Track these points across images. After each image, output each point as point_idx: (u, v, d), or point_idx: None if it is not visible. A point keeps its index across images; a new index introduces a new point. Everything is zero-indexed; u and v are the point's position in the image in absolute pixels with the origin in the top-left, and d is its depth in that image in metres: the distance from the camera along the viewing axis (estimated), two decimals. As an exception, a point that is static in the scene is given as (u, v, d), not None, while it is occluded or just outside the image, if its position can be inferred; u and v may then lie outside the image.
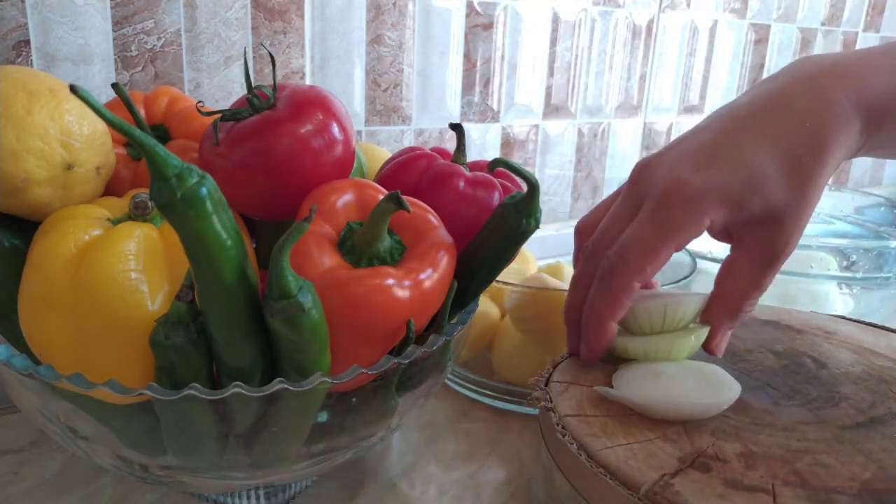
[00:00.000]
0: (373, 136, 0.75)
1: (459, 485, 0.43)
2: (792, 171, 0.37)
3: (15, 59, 0.54)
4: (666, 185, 0.38)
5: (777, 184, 0.37)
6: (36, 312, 0.31)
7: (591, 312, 0.40)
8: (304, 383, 0.30)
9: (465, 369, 0.54)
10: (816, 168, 0.37)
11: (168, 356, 0.29)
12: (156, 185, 0.26)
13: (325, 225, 0.33)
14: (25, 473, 0.43)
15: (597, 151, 0.96)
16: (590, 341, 0.40)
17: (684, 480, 0.31)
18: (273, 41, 0.66)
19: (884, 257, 0.63)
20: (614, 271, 0.38)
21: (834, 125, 0.38)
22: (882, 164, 1.39)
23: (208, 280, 0.28)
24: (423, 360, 0.34)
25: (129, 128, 0.24)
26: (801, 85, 0.39)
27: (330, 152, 0.36)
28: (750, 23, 1.05)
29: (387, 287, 0.31)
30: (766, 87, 0.41)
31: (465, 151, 0.42)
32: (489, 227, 0.37)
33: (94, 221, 0.32)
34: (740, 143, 0.38)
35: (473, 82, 0.81)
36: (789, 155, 0.37)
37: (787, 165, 0.37)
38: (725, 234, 0.40)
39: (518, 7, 0.81)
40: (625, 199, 0.41)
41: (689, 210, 0.37)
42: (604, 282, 0.39)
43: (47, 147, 0.33)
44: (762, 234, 0.38)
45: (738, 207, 0.37)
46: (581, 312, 0.41)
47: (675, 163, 0.39)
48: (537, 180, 0.35)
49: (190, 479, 0.34)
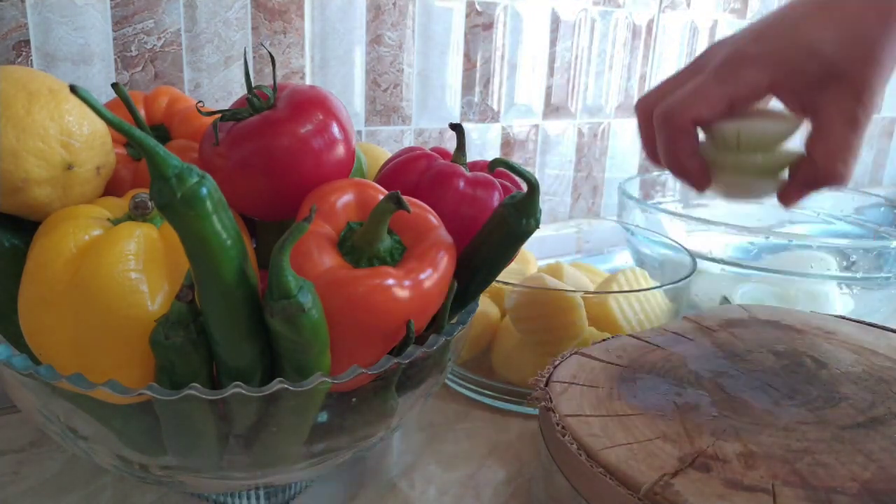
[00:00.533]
0: (373, 136, 0.75)
1: (459, 485, 0.43)
2: (852, 35, 0.39)
3: (15, 59, 0.54)
4: (725, 54, 0.41)
5: (835, 44, 0.38)
6: (36, 312, 0.31)
7: (663, 155, 0.43)
8: (304, 383, 0.30)
9: (465, 369, 0.54)
10: (881, 31, 0.38)
11: (168, 356, 0.29)
12: (156, 185, 0.26)
13: (325, 225, 0.33)
14: (25, 473, 0.43)
15: (597, 151, 0.96)
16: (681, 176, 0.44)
17: (684, 480, 0.31)
18: (273, 41, 0.66)
19: (884, 257, 0.63)
20: (671, 110, 0.41)
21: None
22: (882, 163, 1.39)
23: (208, 280, 0.28)
24: (422, 360, 0.34)
25: (129, 128, 0.24)
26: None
27: (330, 152, 0.36)
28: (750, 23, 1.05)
29: (387, 287, 0.31)
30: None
31: (465, 151, 0.42)
32: (489, 227, 0.37)
33: (94, 221, 0.32)
34: (798, 19, 0.41)
35: (473, 82, 0.81)
36: (850, 22, 0.39)
37: (847, 31, 0.39)
38: (798, 104, 0.42)
39: (518, 7, 0.81)
40: (686, 70, 0.44)
41: (745, 68, 0.40)
42: (663, 122, 0.42)
43: (47, 147, 0.33)
44: (831, 96, 0.39)
45: (796, 70, 0.39)
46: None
47: (734, 40, 0.43)
48: (537, 180, 0.35)
49: (190, 479, 0.34)
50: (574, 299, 0.50)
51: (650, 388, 0.40)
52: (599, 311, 0.52)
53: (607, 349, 0.45)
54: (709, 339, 0.47)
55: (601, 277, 0.61)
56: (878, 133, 1.35)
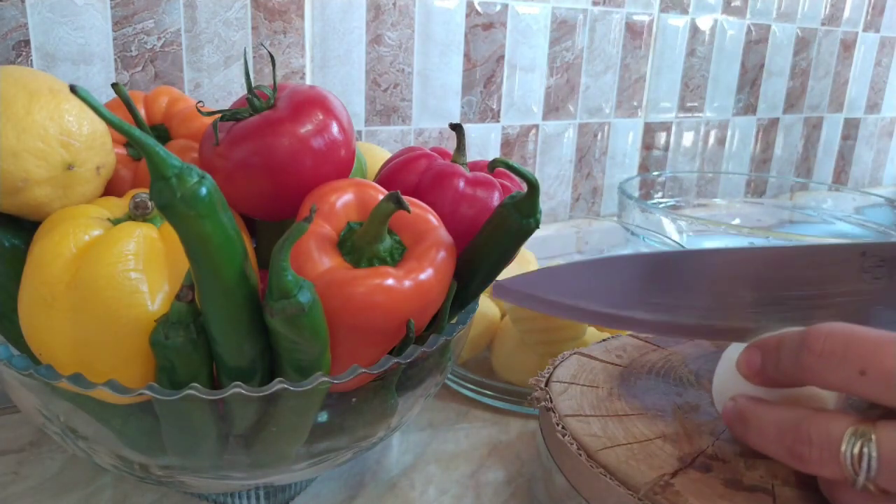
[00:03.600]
0: (373, 136, 0.75)
1: (459, 485, 0.43)
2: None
3: (15, 59, 0.54)
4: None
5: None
6: (36, 312, 0.31)
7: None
8: (304, 383, 0.30)
9: (465, 369, 0.54)
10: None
11: (168, 356, 0.29)
12: (156, 186, 0.26)
13: (325, 225, 0.33)
14: (25, 473, 0.43)
15: (597, 151, 0.96)
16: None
17: (684, 480, 0.31)
18: (273, 41, 0.66)
19: (884, 257, 0.63)
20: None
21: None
22: (882, 163, 1.39)
23: (208, 280, 0.28)
24: (422, 360, 0.34)
25: (128, 128, 0.24)
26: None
27: (330, 152, 0.36)
28: (750, 23, 1.05)
29: (387, 287, 0.31)
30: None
31: (465, 151, 0.42)
32: (489, 227, 0.37)
33: (94, 221, 0.32)
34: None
35: (473, 82, 0.81)
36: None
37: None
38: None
39: (518, 7, 0.81)
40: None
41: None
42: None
43: (47, 147, 0.33)
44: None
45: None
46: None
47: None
48: (537, 180, 0.35)
49: (190, 479, 0.34)
50: (574, 299, 0.50)
51: (650, 388, 0.40)
52: (599, 311, 0.52)
53: (607, 349, 0.45)
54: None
55: (601, 277, 0.61)
56: (879, 133, 1.35)
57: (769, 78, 1.12)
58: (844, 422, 0.28)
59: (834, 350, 0.28)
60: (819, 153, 1.26)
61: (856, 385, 0.27)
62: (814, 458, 0.28)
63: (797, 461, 0.29)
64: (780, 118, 1.17)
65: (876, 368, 0.27)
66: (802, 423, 0.29)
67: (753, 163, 1.17)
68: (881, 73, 1.29)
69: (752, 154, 1.16)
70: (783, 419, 0.30)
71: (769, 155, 1.19)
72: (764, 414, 0.31)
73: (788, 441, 0.29)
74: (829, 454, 0.27)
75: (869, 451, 0.26)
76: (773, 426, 0.30)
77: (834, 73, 1.21)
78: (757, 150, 1.16)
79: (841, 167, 1.31)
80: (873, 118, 1.32)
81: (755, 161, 1.17)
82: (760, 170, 1.18)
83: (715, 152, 1.11)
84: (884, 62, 1.29)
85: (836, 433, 0.27)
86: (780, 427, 0.30)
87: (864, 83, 1.27)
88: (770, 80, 1.12)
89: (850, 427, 0.27)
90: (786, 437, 0.29)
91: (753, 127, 1.14)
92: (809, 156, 1.25)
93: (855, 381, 0.27)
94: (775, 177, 1.19)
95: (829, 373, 0.28)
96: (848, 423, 0.27)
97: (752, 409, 0.31)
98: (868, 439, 0.27)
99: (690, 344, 0.46)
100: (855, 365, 0.27)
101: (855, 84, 1.26)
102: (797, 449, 0.29)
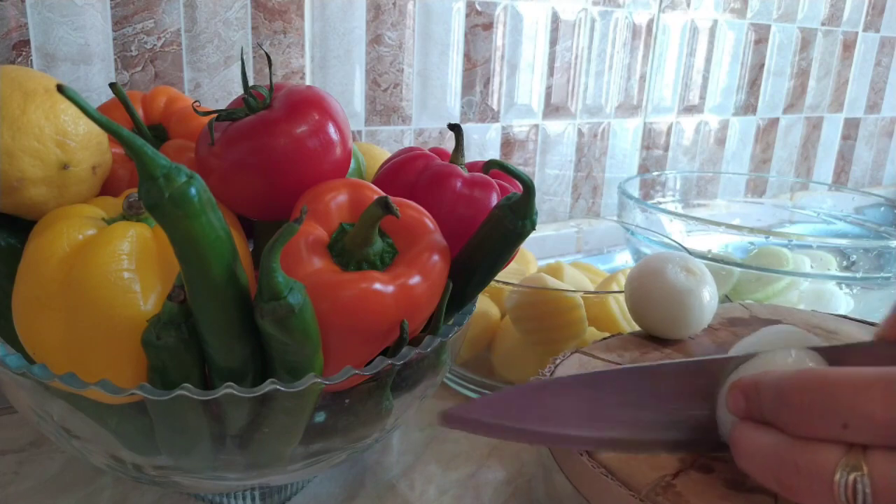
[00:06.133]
0: (373, 136, 0.75)
1: (459, 485, 0.43)
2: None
3: (15, 59, 0.54)
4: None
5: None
6: (30, 312, 0.30)
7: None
8: (296, 384, 0.30)
9: (465, 369, 0.54)
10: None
11: (160, 356, 0.29)
12: (144, 185, 0.26)
13: (318, 226, 0.33)
14: (25, 473, 0.43)
15: (597, 151, 0.96)
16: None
17: (686, 481, 0.31)
18: (273, 41, 0.66)
19: (884, 257, 0.63)
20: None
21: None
22: (882, 163, 1.39)
23: (198, 280, 0.28)
24: (417, 361, 0.34)
25: (116, 127, 0.24)
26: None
27: (326, 152, 0.35)
28: (750, 23, 1.05)
29: (372, 291, 0.31)
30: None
31: (463, 152, 0.41)
32: (485, 228, 0.37)
33: (88, 221, 0.32)
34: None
35: (473, 82, 0.80)
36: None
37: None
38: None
39: (518, 7, 0.81)
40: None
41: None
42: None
43: (43, 147, 0.33)
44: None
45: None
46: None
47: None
48: (532, 181, 0.35)
49: (184, 479, 0.34)
50: (574, 299, 0.50)
51: (649, 389, 0.40)
52: (599, 311, 0.52)
53: (608, 348, 0.45)
54: (710, 338, 0.47)
55: (601, 277, 0.61)
56: (879, 133, 1.35)
57: (769, 78, 1.12)
58: (833, 453, 0.26)
59: (812, 405, 0.27)
60: (819, 153, 1.26)
61: (842, 437, 0.26)
62: (802, 488, 0.27)
63: (786, 492, 0.28)
64: (780, 118, 1.17)
65: (857, 419, 0.26)
66: (788, 453, 0.27)
67: (753, 163, 1.17)
68: (881, 73, 1.29)
69: (752, 154, 1.16)
70: (768, 445, 0.28)
71: (769, 155, 1.18)
72: (752, 439, 0.29)
73: (774, 470, 0.28)
74: (818, 486, 0.26)
75: (863, 485, 0.25)
76: (759, 453, 0.28)
77: (834, 73, 1.21)
78: (757, 150, 1.16)
79: (841, 167, 1.31)
80: (873, 118, 1.32)
81: (755, 161, 1.17)
82: (760, 170, 1.18)
83: (715, 152, 1.10)
84: (884, 62, 1.28)
85: (823, 464, 0.26)
86: (765, 454, 0.28)
87: (864, 83, 1.27)
88: (770, 80, 1.12)
89: (839, 459, 0.26)
90: (771, 465, 0.28)
91: (753, 127, 1.14)
92: (809, 156, 1.25)
93: (840, 433, 0.26)
94: (775, 177, 1.19)
95: (811, 428, 0.27)
96: (836, 454, 0.26)
97: (739, 433, 0.30)
98: (860, 472, 0.25)
99: (691, 343, 0.46)
100: (836, 420, 0.26)
101: (855, 84, 1.26)
102: (784, 479, 0.27)
